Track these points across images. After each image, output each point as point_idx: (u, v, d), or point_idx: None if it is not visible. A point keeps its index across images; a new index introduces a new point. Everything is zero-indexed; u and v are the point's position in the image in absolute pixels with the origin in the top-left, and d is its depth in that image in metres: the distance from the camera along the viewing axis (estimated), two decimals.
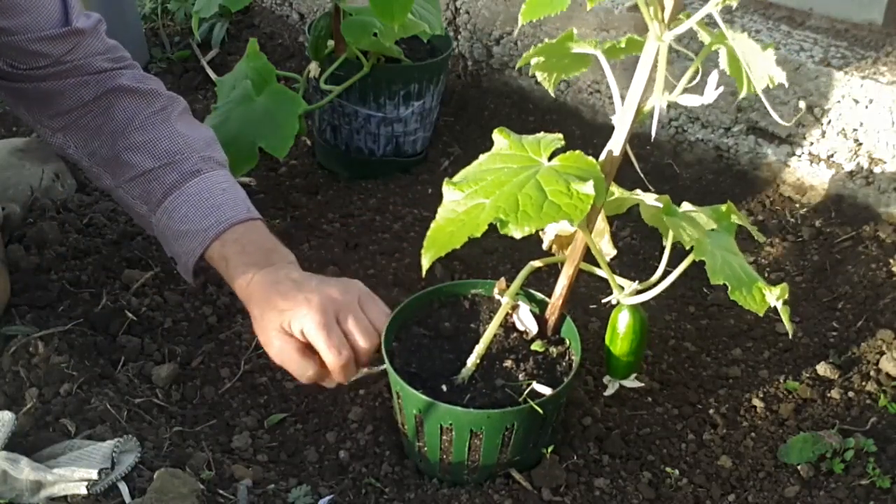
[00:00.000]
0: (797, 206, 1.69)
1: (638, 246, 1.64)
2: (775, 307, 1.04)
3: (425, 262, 0.93)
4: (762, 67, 0.94)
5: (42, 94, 1.31)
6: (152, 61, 2.32)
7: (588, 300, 1.48)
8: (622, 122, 1.02)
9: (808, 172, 1.69)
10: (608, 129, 1.90)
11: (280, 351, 1.14)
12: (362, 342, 1.13)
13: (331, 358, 1.11)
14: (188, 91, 2.19)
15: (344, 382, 1.16)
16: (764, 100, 1.01)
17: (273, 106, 1.65)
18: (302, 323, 1.11)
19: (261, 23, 2.48)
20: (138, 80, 1.35)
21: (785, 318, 1.05)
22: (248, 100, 1.67)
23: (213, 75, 2.19)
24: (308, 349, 1.14)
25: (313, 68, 1.77)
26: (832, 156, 1.65)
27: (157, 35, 2.40)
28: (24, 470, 1.02)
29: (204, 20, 2.31)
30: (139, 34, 2.29)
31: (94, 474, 1.01)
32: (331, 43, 1.77)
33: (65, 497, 1.02)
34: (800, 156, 1.70)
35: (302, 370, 1.14)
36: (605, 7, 1.83)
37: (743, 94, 1.03)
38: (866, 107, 1.57)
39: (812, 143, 1.67)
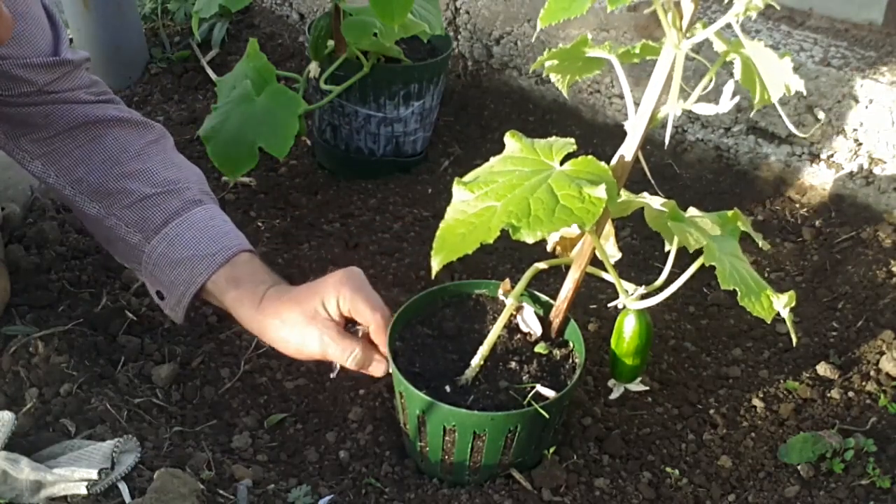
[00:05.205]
0: (797, 206, 1.69)
1: (638, 246, 1.64)
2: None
3: (435, 265, 0.91)
4: (779, 76, 0.94)
5: (25, 118, 1.28)
6: (152, 61, 2.31)
7: (587, 300, 1.48)
8: (635, 129, 1.01)
9: (808, 172, 1.69)
10: (607, 129, 1.94)
11: (320, 338, 1.13)
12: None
13: (379, 315, 1.13)
14: (188, 91, 2.19)
15: (383, 349, 1.15)
16: (780, 110, 1.00)
17: (273, 106, 1.64)
18: (338, 292, 1.13)
19: (261, 23, 2.48)
20: (127, 111, 1.34)
21: (790, 326, 1.05)
22: (248, 100, 1.67)
23: (213, 75, 2.19)
24: (345, 329, 1.15)
25: (313, 68, 1.77)
26: (832, 156, 1.65)
27: (157, 35, 2.40)
28: (24, 470, 1.02)
29: (204, 20, 2.30)
30: (139, 34, 2.29)
31: (94, 474, 1.01)
32: (331, 43, 1.77)
33: (65, 497, 1.02)
34: (800, 156, 1.70)
35: (347, 350, 1.13)
36: (605, 6, 1.83)
37: (756, 103, 1.02)
38: (866, 107, 1.58)
39: (812, 143, 1.67)
